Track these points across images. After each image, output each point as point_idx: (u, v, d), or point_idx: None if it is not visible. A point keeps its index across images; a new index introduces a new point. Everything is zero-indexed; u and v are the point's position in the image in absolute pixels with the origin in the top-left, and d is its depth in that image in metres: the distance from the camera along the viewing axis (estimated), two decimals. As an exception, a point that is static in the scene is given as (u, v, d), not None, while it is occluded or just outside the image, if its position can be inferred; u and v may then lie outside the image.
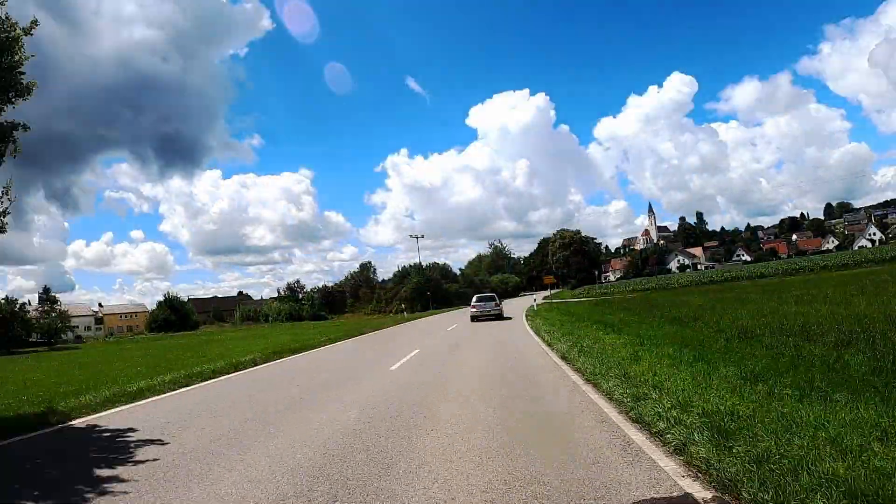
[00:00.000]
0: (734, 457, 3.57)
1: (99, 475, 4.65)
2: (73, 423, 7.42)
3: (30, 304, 57.91)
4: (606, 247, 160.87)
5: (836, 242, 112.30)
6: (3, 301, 44.03)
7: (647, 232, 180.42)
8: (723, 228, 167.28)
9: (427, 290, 57.87)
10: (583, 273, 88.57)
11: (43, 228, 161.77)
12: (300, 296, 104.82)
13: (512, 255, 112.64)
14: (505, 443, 4.77)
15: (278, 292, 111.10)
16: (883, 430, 3.73)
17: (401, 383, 8.73)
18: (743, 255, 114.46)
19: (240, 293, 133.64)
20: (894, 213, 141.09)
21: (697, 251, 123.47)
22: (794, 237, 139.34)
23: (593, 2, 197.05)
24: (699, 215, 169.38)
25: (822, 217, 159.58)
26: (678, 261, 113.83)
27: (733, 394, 5.21)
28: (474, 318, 24.29)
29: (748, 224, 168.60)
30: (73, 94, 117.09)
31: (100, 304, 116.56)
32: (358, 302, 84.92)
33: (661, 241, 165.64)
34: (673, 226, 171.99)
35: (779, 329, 9.18)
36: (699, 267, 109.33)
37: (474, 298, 26.47)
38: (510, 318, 23.92)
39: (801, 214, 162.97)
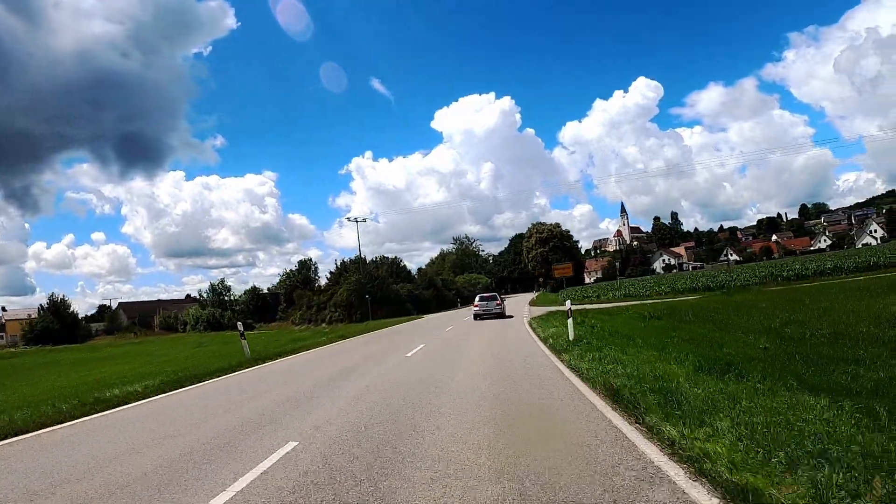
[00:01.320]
0: None
1: None
2: None
3: None
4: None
5: (829, 242, 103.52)
6: None
7: (619, 233, 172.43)
8: (696, 229, 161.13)
9: (368, 293, 42.25)
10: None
11: (2, 230, 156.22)
12: (226, 299, 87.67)
13: (480, 253, 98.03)
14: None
15: (199, 295, 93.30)
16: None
17: None
18: (732, 256, 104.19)
19: (187, 296, 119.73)
20: (873, 213, 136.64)
21: (681, 251, 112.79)
22: (774, 237, 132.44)
23: (559, 6, 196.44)
24: (674, 216, 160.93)
25: (794, 218, 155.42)
26: (664, 261, 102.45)
27: None
28: (477, 317, 25.82)
29: (721, 226, 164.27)
30: (33, 90, 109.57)
31: (3, 309, 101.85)
32: (292, 307, 68.76)
33: (635, 242, 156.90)
34: (644, 227, 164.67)
35: None
36: (685, 267, 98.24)
37: (477, 298, 28.09)
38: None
39: (779, 214, 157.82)
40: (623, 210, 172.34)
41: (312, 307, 51.39)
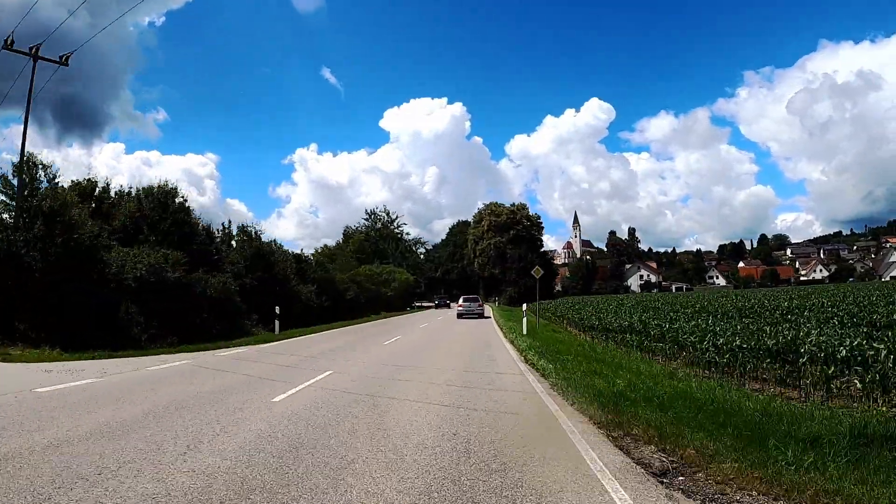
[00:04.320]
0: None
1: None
2: None
3: None
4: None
5: (826, 273, 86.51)
6: None
7: (569, 245, 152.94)
8: (651, 249, 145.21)
9: (22, 262, 13.33)
10: (528, 277, 49.04)
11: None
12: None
13: (405, 238, 69.55)
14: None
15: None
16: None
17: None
18: (717, 279, 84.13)
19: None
20: (845, 249, 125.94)
21: (654, 268, 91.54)
22: (741, 264, 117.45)
23: (520, 19, 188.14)
24: (631, 232, 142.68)
25: (759, 247, 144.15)
26: (641, 277, 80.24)
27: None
28: (460, 315, 27.46)
29: (674, 249, 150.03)
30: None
31: None
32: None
33: (587, 256, 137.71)
34: (596, 242, 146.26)
35: None
36: (671, 288, 76.23)
37: (461, 299, 30.38)
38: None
39: (741, 241, 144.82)
40: (576, 220, 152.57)
41: None
